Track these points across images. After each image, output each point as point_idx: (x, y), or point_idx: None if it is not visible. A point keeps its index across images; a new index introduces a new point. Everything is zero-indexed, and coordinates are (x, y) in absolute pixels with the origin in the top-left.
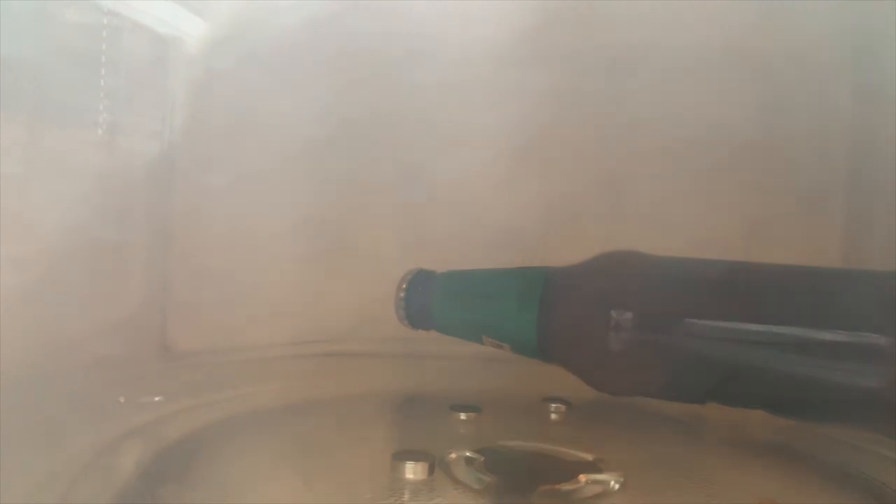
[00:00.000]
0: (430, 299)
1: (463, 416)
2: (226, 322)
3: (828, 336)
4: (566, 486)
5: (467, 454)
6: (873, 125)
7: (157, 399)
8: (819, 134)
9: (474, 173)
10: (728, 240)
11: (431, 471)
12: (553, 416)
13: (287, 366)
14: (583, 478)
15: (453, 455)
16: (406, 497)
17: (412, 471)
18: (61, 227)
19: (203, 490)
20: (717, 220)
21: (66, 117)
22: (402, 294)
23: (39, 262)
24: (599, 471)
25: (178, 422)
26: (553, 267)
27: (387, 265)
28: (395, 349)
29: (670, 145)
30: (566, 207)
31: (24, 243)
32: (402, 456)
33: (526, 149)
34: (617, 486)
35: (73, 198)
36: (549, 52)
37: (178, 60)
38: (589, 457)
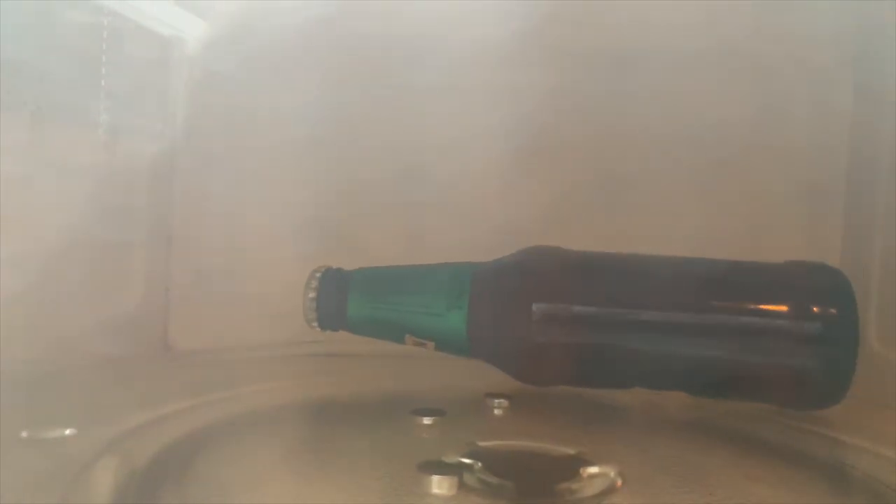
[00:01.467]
0: (345, 299)
1: (427, 420)
2: (226, 321)
3: (734, 320)
4: (577, 484)
5: (461, 460)
6: (873, 125)
7: (67, 432)
8: (819, 133)
9: (474, 173)
10: (728, 238)
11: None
12: (496, 412)
13: (287, 366)
14: (584, 472)
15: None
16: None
17: (438, 485)
18: (62, 227)
19: (203, 490)
20: (717, 217)
21: (67, 117)
22: (311, 294)
23: (40, 261)
24: (592, 464)
25: (179, 421)
26: (477, 263)
27: (387, 262)
28: (394, 348)
29: (671, 144)
30: (566, 206)
31: (26, 242)
32: (428, 469)
33: (526, 148)
34: (619, 480)
35: (75, 198)
36: (550, 53)
37: (180, 61)
38: (571, 450)
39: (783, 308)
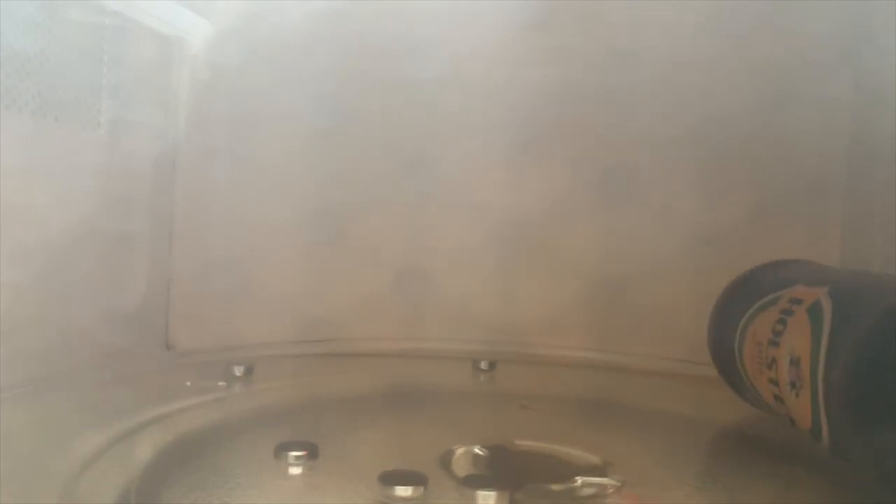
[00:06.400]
0: None
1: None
2: (228, 319)
3: None
4: (558, 486)
5: (476, 450)
6: (873, 119)
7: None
8: (819, 127)
9: (477, 166)
10: (729, 230)
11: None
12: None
13: (289, 365)
14: (579, 479)
15: (461, 450)
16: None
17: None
18: (64, 223)
19: (204, 489)
20: (718, 210)
21: (69, 115)
22: None
23: (42, 257)
24: (601, 474)
25: (180, 420)
26: None
27: (390, 256)
28: (395, 348)
29: (672, 138)
30: (568, 198)
31: (28, 238)
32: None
33: (528, 141)
34: (611, 490)
35: (76, 194)
36: (551, 48)
37: (182, 59)
38: (596, 458)
39: None
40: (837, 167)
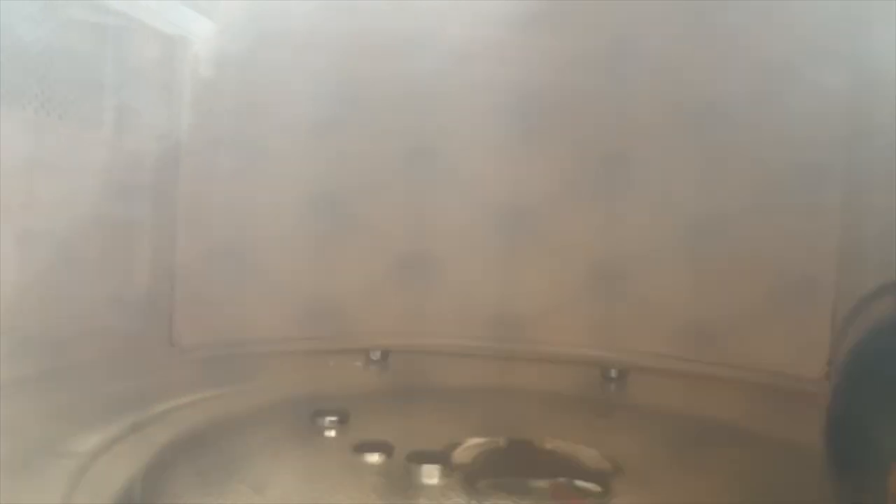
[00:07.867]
0: None
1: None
2: (233, 311)
3: None
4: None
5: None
6: (872, 116)
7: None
8: (818, 115)
9: (479, 154)
10: (726, 218)
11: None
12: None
13: (293, 362)
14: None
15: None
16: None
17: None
18: (68, 222)
19: (206, 488)
20: (716, 198)
21: (72, 110)
22: None
23: (47, 257)
24: (594, 472)
25: (182, 417)
26: None
27: (393, 244)
28: (395, 346)
29: (672, 126)
30: (569, 187)
31: (33, 237)
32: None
33: (530, 131)
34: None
35: (80, 193)
36: (549, 37)
37: (185, 57)
38: (594, 452)
39: None
40: (836, 154)
